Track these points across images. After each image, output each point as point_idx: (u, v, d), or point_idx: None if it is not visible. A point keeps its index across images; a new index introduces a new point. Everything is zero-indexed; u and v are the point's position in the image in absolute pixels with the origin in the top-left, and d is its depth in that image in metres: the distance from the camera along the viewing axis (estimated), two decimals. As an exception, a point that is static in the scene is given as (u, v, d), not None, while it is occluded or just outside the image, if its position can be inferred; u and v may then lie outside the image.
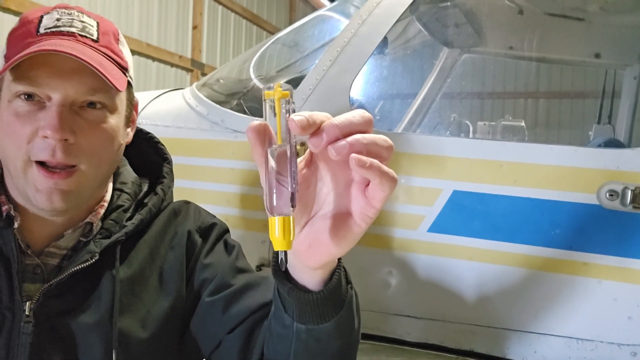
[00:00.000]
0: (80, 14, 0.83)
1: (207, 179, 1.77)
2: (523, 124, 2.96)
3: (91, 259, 0.83)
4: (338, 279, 0.66)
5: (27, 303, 0.79)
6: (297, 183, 0.54)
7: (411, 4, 1.77)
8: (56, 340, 0.81)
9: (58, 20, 0.80)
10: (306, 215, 0.61)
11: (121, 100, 0.85)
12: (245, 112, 1.86)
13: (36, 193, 0.78)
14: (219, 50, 7.41)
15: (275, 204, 0.54)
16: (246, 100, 2.06)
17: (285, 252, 0.57)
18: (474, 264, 1.55)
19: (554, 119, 7.20)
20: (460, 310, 1.57)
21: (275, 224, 0.54)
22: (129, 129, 0.90)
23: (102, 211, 0.89)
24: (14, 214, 0.82)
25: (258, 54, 2.27)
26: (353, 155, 0.52)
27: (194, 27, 6.88)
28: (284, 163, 0.54)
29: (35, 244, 0.85)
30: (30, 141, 0.77)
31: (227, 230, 0.99)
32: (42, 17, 0.81)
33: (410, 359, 1.55)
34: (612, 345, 1.47)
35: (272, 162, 0.54)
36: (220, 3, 7.32)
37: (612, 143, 2.68)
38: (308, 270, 0.65)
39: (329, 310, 0.68)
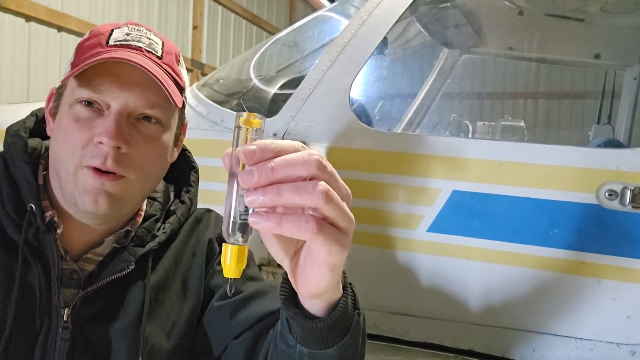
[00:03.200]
0: (148, 32, 0.85)
1: (207, 178, 1.77)
2: (522, 124, 2.97)
3: (127, 267, 0.84)
4: (343, 307, 0.65)
5: (66, 309, 0.80)
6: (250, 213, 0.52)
7: (411, 5, 1.77)
8: (86, 346, 0.82)
9: (128, 34, 0.83)
10: (293, 245, 0.59)
11: (174, 119, 0.87)
12: (244, 112, 1.86)
13: (83, 194, 0.79)
14: (219, 50, 7.41)
15: (230, 231, 0.53)
16: (246, 100, 2.06)
17: (232, 280, 0.57)
18: (473, 264, 1.55)
19: (553, 119, 7.21)
20: (459, 310, 1.57)
21: (228, 251, 0.54)
22: (175, 148, 0.92)
23: (140, 220, 0.90)
24: (56, 220, 0.82)
25: (258, 54, 2.27)
26: (249, 219, 0.51)
27: (194, 28, 6.88)
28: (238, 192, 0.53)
29: (73, 250, 0.85)
30: (85, 146, 0.78)
31: None
32: (112, 30, 0.83)
33: (409, 357, 1.55)
34: (611, 345, 1.47)
35: (231, 190, 0.53)
36: (220, 3, 7.33)
37: (612, 143, 2.68)
38: (306, 299, 0.64)
39: (333, 337, 0.66)
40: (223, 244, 0.55)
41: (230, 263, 0.54)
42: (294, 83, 1.86)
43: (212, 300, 0.92)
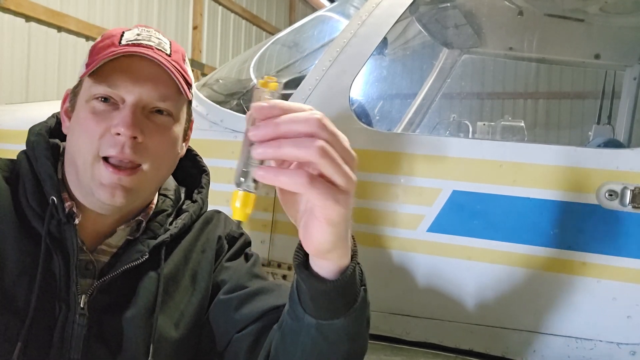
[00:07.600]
0: (156, 32, 0.91)
1: (207, 178, 1.77)
2: (522, 124, 2.97)
3: (141, 257, 0.89)
4: (352, 272, 0.68)
5: (83, 296, 0.85)
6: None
7: (411, 5, 1.78)
8: (101, 334, 0.86)
9: (138, 35, 0.88)
10: (301, 204, 0.63)
11: (183, 113, 0.92)
12: (244, 112, 1.86)
13: (100, 187, 0.83)
14: (219, 50, 7.41)
15: (241, 178, 0.59)
16: (246, 101, 2.06)
17: (240, 222, 0.61)
18: (473, 264, 1.55)
19: (553, 119, 7.22)
20: (459, 310, 1.57)
21: (238, 196, 0.59)
22: (184, 143, 0.97)
23: (150, 212, 0.95)
24: (75, 211, 0.87)
25: (258, 54, 2.27)
26: (255, 172, 0.56)
27: (194, 28, 6.88)
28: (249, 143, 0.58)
29: (88, 240, 0.90)
30: (102, 137, 0.83)
31: (250, 243, 1.06)
32: (124, 32, 0.89)
33: (409, 358, 1.55)
34: (611, 345, 1.47)
35: (244, 143, 0.59)
36: (220, 3, 7.32)
37: (612, 143, 2.68)
38: (315, 261, 0.67)
39: (340, 305, 0.70)
40: (233, 190, 0.59)
41: (240, 206, 0.59)
42: (294, 83, 1.86)
43: (218, 294, 0.96)
